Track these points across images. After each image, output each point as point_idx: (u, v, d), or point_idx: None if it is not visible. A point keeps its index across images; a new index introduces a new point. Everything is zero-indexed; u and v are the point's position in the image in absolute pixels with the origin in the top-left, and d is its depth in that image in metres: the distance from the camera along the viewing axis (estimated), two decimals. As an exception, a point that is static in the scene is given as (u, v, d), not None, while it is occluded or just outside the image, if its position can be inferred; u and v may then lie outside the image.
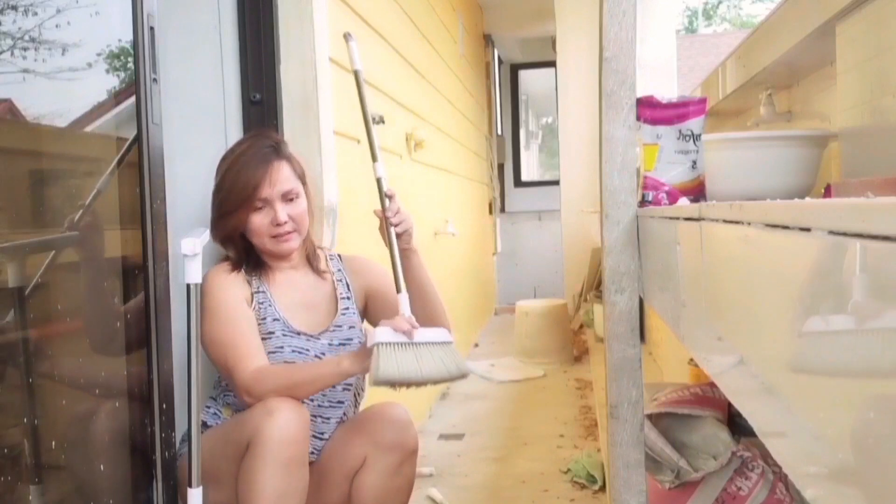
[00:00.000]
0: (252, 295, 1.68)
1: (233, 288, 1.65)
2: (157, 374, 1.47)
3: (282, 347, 1.64)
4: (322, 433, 1.67)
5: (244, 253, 1.72)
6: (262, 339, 1.64)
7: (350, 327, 1.74)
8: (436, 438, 3.15)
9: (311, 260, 1.79)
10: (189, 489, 1.31)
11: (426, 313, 1.72)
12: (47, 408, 1.34)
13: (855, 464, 0.40)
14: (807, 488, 0.47)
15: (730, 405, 1.36)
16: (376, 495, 1.60)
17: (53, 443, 1.34)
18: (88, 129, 1.56)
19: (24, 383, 1.31)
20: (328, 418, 1.68)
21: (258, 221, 1.66)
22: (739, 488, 1.28)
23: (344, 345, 1.72)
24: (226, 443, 1.51)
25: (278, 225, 1.66)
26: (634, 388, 1.14)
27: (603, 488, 2.44)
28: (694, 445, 1.34)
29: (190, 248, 1.33)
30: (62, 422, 1.37)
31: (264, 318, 1.66)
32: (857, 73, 1.36)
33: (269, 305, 1.68)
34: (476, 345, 5.13)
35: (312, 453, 1.63)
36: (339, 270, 1.82)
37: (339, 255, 1.86)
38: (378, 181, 1.72)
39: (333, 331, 1.72)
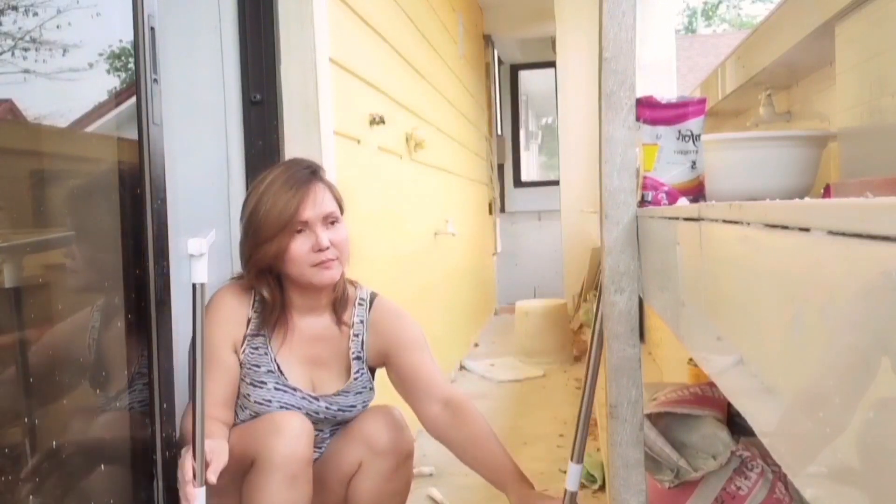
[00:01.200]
0: (244, 338, 1.58)
1: (224, 326, 1.57)
2: (158, 374, 1.47)
3: (269, 401, 1.57)
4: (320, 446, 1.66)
5: (277, 292, 1.59)
6: (252, 383, 1.57)
7: (357, 393, 1.64)
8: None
9: (336, 305, 1.65)
10: (195, 489, 1.31)
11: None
12: (47, 407, 1.34)
13: (855, 464, 0.40)
14: (806, 488, 0.47)
15: (729, 405, 1.36)
16: (372, 500, 1.59)
17: (54, 443, 1.34)
18: (89, 129, 1.57)
19: (24, 383, 1.31)
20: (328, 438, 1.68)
21: (298, 247, 1.52)
22: (739, 488, 1.29)
23: (343, 411, 1.62)
24: (229, 456, 1.49)
25: (320, 251, 1.52)
26: (634, 387, 1.14)
27: (603, 488, 2.44)
28: (693, 445, 1.34)
29: (196, 248, 1.31)
30: (62, 421, 1.37)
31: (258, 366, 1.58)
32: (856, 74, 1.36)
33: (265, 354, 1.59)
34: (476, 345, 5.13)
35: None
36: (361, 323, 1.67)
37: (372, 300, 1.70)
38: (568, 497, 1.46)
39: (338, 396, 1.62)
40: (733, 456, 1.30)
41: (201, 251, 1.32)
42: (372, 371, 1.70)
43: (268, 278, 1.58)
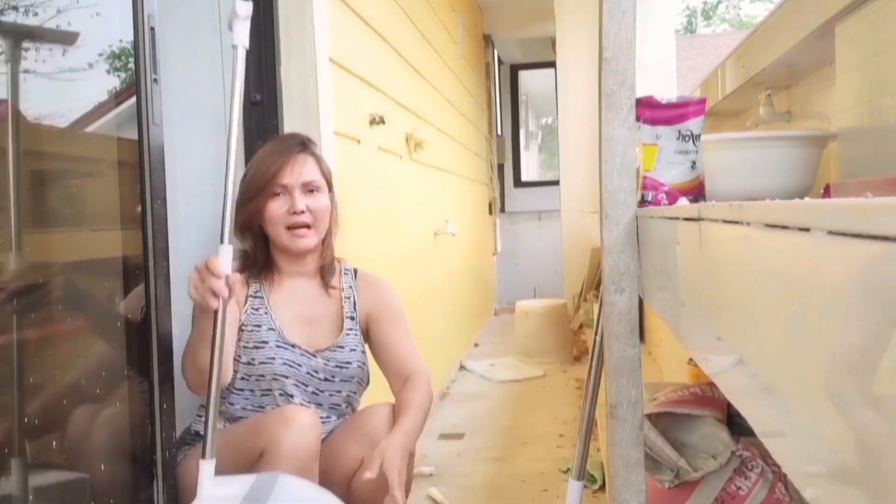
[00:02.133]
0: (246, 298, 1.66)
1: None
2: (158, 374, 1.47)
3: (273, 359, 1.62)
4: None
5: (260, 247, 1.70)
6: (255, 347, 1.62)
7: (351, 350, 1.70)
8: (436, 438, 3.15)
9: (324, 273, 1.74)
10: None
11: None
12: (47, 408, 1.35)
13: (855, 464, 0.40)
14: (806, 488, 0.47)
15: (729, 405, 1.36)
16: (374, 496, 1.60)
17: (54, 443, 1.34)
18: (89, 129, 1.57)
19: (23, 383, 1.31)
20: (328, 418, 1.69)
21: (275, 208, 1.64)
22: (739, 488, 1.29)
23: (341, 367, 1.68)
24: (236, 451, 1.49)
25: (295, 213, 1.63)
26: (634, 387, 1.14)
27: (603, 488, 2.44)
28: (693, 445, 1.34)
29: (244, 10, 1.39)
30: (62, 422, 1.37)
31: (259, 326, 1.64)
32: (856, 74, 1.36)
33: (266, 313, 1.66)
34: (476, 345, 5.13)
35: None
36: (350, 287, 1.77)
37: (355, 271, 1.81)
38: None
39: (334, 351, 1.68)
40: (733, 456, 1.31)
41: (248, 13, 1.40)
42: (363, 339, 1.77)
43: (251, 234, 1.70)
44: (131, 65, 1.50)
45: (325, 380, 1.67)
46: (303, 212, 1.64)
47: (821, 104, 1.83)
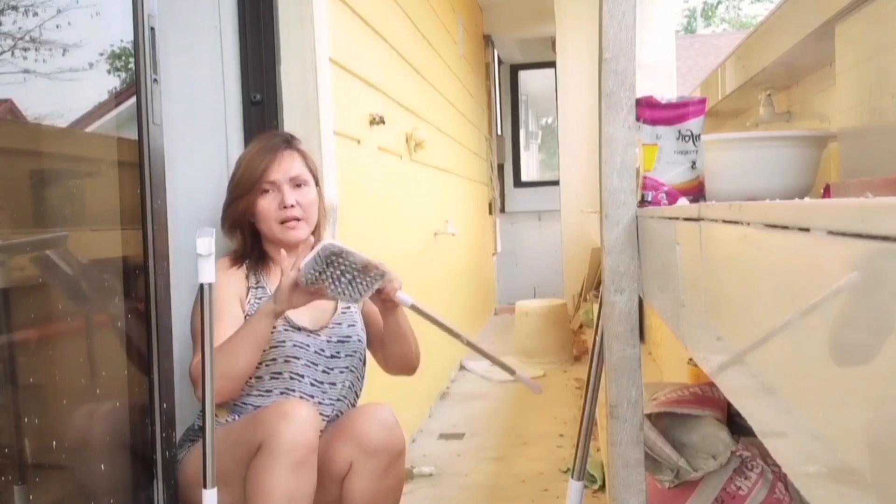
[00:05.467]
0: (248, 290, 1.69)
1: (228, 284, 1.66)
2: (158, 373, 1.47)
3: (283, 342, 1.65)
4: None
5: (250, 244, 1.73)
6: None
7: (350, 325, 1.75)
8: (436, 438, 3.15)
9: None
10: (203, 490, 1.31)
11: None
12: (47, 408, 1.35)
13: (855, 464, 0.40)
14: (806, 488, 0.47)
15: (729, 405, 1.36)
16: (367, 499, 1.60)
17: (54, 443, 1.34)
18: (89, 129, 1.57)
19: (23, 384, 1.31)
20: (337, 400, 1.71)
21: (265, 205, 1.69)
22: (739, 488, 1.29)
23: (342, 342, 1.73)
24: (235, 444, 1.50)
25: (285, 208, 1.68)
26: (634, 387, 1.14)
27: (603, 488, 2.44)
28: (693, 445, 1.34)
29: (205, 248, 1.34)
30: (62, 422, 1.37)
31: None
32: (856, 74, 1.36)
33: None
34: (476, 345, 5.12)
35: None
36: None
37: None
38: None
39: (332, 328, 1.73)
40: (733, 456, 1.31)
41: (210, 251, 1.34)
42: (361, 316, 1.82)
43: (239, 232, 1.73)
44: (131, 65, 1.50)
45: (332, 356, 1.70)
46: (293, 206, 1.68)
47: (821, 104, 1.83)
